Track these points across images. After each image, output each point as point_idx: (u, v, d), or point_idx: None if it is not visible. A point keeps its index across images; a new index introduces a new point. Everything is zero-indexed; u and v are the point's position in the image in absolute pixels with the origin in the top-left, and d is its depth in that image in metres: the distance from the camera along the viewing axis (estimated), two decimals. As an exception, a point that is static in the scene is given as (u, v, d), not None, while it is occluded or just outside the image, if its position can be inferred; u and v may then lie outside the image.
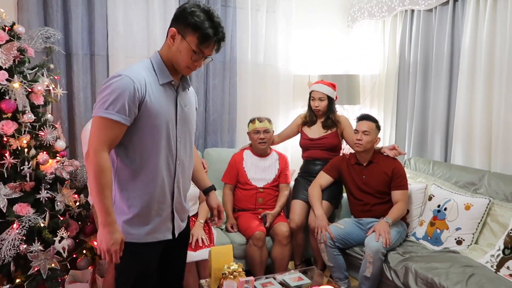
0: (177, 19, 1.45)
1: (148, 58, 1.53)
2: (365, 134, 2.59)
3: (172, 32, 1.44)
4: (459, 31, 2.93)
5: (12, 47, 2.21)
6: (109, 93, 1.38)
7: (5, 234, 2.11)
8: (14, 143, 2.19)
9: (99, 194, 1.38)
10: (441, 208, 2.56)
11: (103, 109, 1.37)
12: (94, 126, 1.40)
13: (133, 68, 1.45)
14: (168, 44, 1.47)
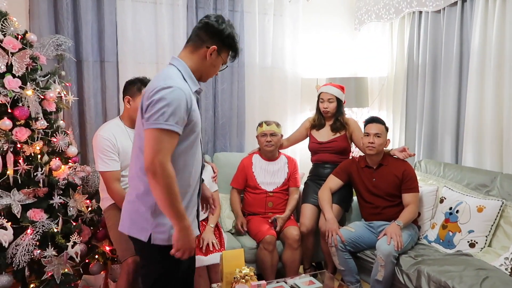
0: (214, 37, 1.56)
1: (171, 65, 1.57)
2: (377, 136, 2.58)
3: (213, 50, 1.56)
4: (468, 31, 2.92)
5: (24, 55, 2.24)
6: (166, 105, 1.42)
7: (19, 239, 2.13)
8: (28, 149, 2.22)
9: (175, 202, 1.45)
10: (453, 211, 2.54)
11: (163, 121, 1.42)
12: (155, 138, 1.43)
13: (174, 78, 1.51)
14: (202, 57, 1.57)
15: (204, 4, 3.19)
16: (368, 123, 2.65)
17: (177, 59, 1.59)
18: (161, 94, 1.43)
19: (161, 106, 1.42)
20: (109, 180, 2.24)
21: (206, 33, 1.57)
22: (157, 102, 1.43)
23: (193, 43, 1.59)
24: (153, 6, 3.08)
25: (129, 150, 2.29)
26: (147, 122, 1.45)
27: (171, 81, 1.47)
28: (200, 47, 1.57)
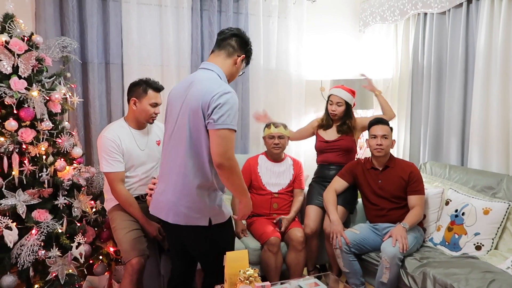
0: (243, 47, 1.87)
1: (209, 70, 1.81)
2: (384, 138, 2.58)
3: (242, 58, 1.87)
4: (473, 33, 2.90)
5: (30, 56, 2.26)
6: (230, 109, 1.68)
7: (24, 240, 2.14)
8: (33, 150, 2.23)
9: (243, 184, 1.81)
10: (459, 213, 2.52)
11: (229, 122, 1.68)
12: (226, 137, 1.68)
13: (223, 83, 1.77)
14: (233, 64, 1.85)
15: (209, 7, 3.20)
16: (373, 125, 2.64)
17: (213, 65, 1.83)
18: (224, 98, 1.68)
19: (227, 109, 1.67)
20: (113, 181, 2.24)
21: (237, 44, 1.85)
22: (222, 105, 1.67)
23: (226, 51, 1.84)
24: (158, 9, 3.09)
25: (133, 151, 2.31)
26: (215, 123, 1.67)
27: (226, 86, 1.73)
28: (232, 55, 1.84)
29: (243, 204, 1.88)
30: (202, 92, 1.71)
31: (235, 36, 1.85)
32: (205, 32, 3.23)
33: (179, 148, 1.77)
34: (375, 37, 3.76)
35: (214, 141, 1.68)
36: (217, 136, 1.67)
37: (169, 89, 3.05)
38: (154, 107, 2.32)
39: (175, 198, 1.80)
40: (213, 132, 1.68)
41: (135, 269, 2.14)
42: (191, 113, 1.73)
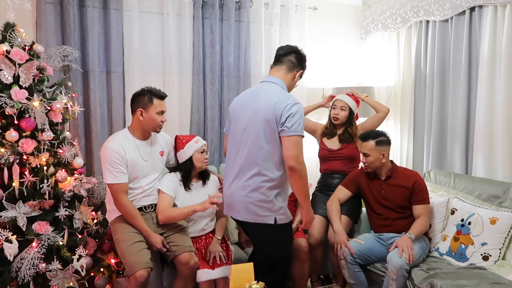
0: (301, 63, 2.15)
1: (273, 83, 2.07)
2: (365, 156, 2.56)
3: (301, 73, 2.16)
4: (476, 40, 2.90)
5: (31, 66, 2.23)
6: (300, 117, 1.94)
7: (24, 253, 2.10)
8: (34, 161, 2.20)
9: (308, 188, 2.03)
10: (465, 222, 2.49)
11: (300, 129, 1.93)
12: (297, 143, 1.93)
13: (288, 94, 2.03)
14: (292, 78, 2.12)
15: (211, 15, 3.18)
16: (361, 142, 2.62)
17: (277, 78, 2.08)
18: (295, 108, 1.93)
19: (298, 118, 1.92)
20: (117, 192, 2.21)
21: (296, 60, 2.11)
22: (295, 114, 1.91)
23: (287, 67, 2.10)
24: (160, 17, 3.07)
25: (137, 162, 2.28)
26: (289, 130, 1.91)
27: (293, 98, 1.98)
28: (292, 70, 2.11)
29: (305, 210, 2.07)
30: (273, 103, 1.95)
31: (294, 53, 2.11)
32: (206, 40, 3.21)
33: (251, 152, 2.01)
34: (376, 44, 3.76)
35: (287, 146, 1.92)
36: (290, 142, 1.91)
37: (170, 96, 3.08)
38: (161, 115, 2.30)
39: (243, 197, 2.04)
40: (287, 138, 1.92)
41: (138, 282, 2.10)
42: (264, 121, 1.97)
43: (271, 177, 2.00)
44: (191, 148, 2.49)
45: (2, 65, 2.16)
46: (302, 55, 2.15)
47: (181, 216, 2.35)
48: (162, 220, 2.34)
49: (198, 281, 2.31)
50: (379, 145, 2.54)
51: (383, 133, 2.61)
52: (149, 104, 2.26)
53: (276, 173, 2.00)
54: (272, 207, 2.02)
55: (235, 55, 3.31)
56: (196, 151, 2.49)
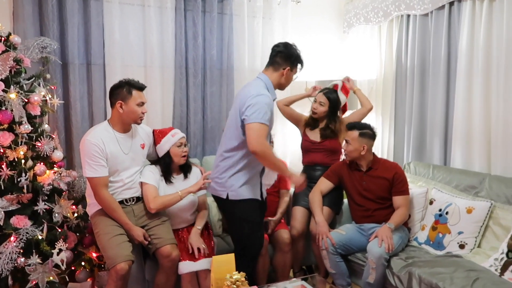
0: (287, 61, 2.23)
1: (258, 79, 2.25)
2: (347, 143, 2.61)
3: (287, 70, 2.23)
4: (455, 34, 2.95)
5: (8, 57, 2.18)
6: (260, 108, 2.08)
7: (2, 247, 2.07)
8: (11, 154, 2.16)
9: (276, 162, 2.20)
10: (443, 212, 2.55)
11: (260, 118, 2.07)
12: (257, 129, 2.07)
13: (260, 87, 2.18)
14: (280, 75, 2.25)
15: (193, 7, 3.16)
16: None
17: (264, 75, 2.25)
18: (256, 99, 2.09)
19: (258, 107, 2.07)
20: (97, 186, 2.19)
21: (282, 59, 2.23)
22: (254, 105, 2.07)
23: (272, 67, 2.25)
24: (141, 9, 3.03)
25: (118, 155, 2.26)
26: (248, 118, 2.07)
27: (261, 89, 2.16)
28: (278, 69, 2.24)
29: (289, 177, 2.34)
30: (244, 95, 2.16)
31: (280, 53, 2.24)
32: (189, 32, 3.19)
33: (223, 136, 2.30)
34: (359, 38, 3.79)
35: (248, 132, 2.08)
36: (250, 129, 2.07)
37: (152, 89, 3.06)
38: (141, 107, 2.26)
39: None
40: (247, 126, 2.09)
41: (119, 275, 2.09)
42: (236, 110, 2.18)
43: (229, 159, 2.24)
44: (168, 142, 2.43)
45: (-23, 56, 2.12)
46: (289, 53, 2.24)
47: (176, 199, 2.34)
48: (155, 208, 2.31)
49: (180, 273, 2.31)
50: (362, 136, 2.58)
51: (369, 127, 2.65)
52: (128, 96, 2.23)
53: (234, 157, 2.22)
54: (225, 184, 2.24)
55: (218, 48, 3.30)
56: (173, 145, 2.43)
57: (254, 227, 2.31)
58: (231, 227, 2.42)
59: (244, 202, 2.25)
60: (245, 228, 2.29)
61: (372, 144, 2.63)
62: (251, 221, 2.29)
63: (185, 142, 2.49)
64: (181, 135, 2.48)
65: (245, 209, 2.27)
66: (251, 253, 2.35)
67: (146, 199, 2.34)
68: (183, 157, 2.46)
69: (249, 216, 2.28)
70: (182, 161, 2.47)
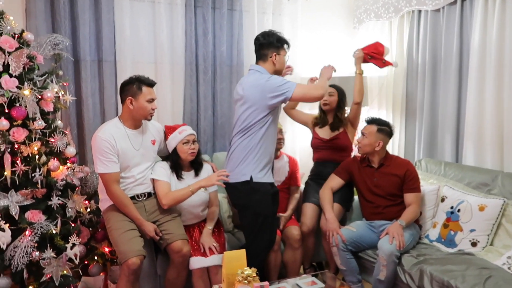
0: (270, 48, 2.29)
1: (254, 71, 2.32)
2: (363, 135, 2.60)
3: (275, 56, 2.29)
4: (467, 30, 2.91)
5: (21, 54, 2.21)
6: (280, 81, 2.23)
7: (17, 241, 2.10)
8: (25, 150, 2.19)
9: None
10: (454, 210, 2.53)
11: (291, 84, 2.22)
12: (301, 88, 2.25)
13: (255, 75, 2.29)
14: (271, 63, 2.31)
15: (203, 3, 3.16)
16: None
17: (257, 65, 2.32)
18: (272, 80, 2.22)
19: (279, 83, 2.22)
20: (108, 182, 2.21)
21: (265, 49, 2.29)
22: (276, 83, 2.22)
23: (261, 60, 2.32)
24: (152, 5, 3.05)
25: (128, 151, 2.28)
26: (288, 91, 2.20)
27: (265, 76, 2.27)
28: (267, 59, 2.31)
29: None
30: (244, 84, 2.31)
31: (261, 45, 2.31)
32: (199, 29, 3.19)
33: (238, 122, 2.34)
34: (369, 34, 3.76)
35: (303, 97, 2.28)
36: (298, 92, 2.23)
37: (162, 86, 3.08)
38: (151, 103, 2.28)
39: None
40: (295, 93, 2.22)
41: (131, 270, 2.12)
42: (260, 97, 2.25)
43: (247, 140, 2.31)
44: (174, 139, 2.43)
45: (-8, 53, 2.14)
46: (269, 41, 2.29)
47: (187, 194, 2.34)
48: (167, 204, 2.32)
49: (191, 269, 2.33)
50: (380, 132, 2.59)
51: (388, 124, 2.65)
52: (138, 92, 2.24)
53: (252, 140, 2.30)
54: (244, 169, 2.29)
55: (228, 44, 3.30)
56: (180, 142, 2.41)
57: (266, 220, 2.31)
58: (244, 219, 2.40)
59: (259, 193, 2.28)
60: (258, 221, 2.29)
61: (387, 141, 2.64)
62: (263, 214, 2.29)
63: (193, 139, 2.45)
64: (188, 133, 2.44)
65: (258, 201, 2.27)
66: (260, 246, 2.35)
67: (158, 195, 2.36)
68: (191, 154, 2.43)
69: (263, 209, 2.28)
70: (190, 158, 2.44)
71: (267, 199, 2.31)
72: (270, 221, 2.36)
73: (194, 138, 2.47)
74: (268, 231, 2.36)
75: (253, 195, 2.27)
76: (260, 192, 2.28)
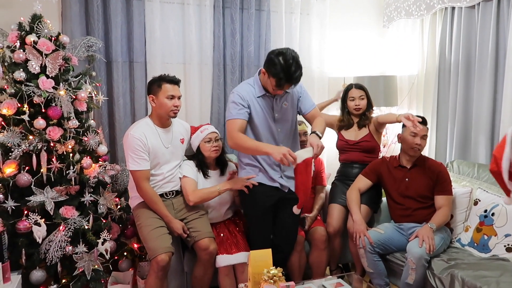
0: (265, 63, 2.20)
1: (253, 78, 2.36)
2: (423, 139, 2.53)
3: (263, 72, 2.22)
4: (504, 28, 2.80)
5: (58, 56, 2.30)
6: (228, 104, 2.30)
7: (52, 235, 2.19)
8: (60, 148, 2.28)
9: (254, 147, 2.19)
10: (488, 213, 2.44)
11: (228, 115, 2.27)
12: (227, 125, 2.26)
13: (240, 85, 2.37)
14: (262, 75, 2.24)
15: (231, 4, 3.19)
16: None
17: (256, 76, 2.33)
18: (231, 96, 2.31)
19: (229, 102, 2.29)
20: (139, 179, 2.27)
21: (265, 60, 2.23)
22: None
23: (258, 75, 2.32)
24: (181, 7, 3.10)
25: (159, 149, 2.33)
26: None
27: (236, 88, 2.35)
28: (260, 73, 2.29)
29: (270, 153, 2.11)
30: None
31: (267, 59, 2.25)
32: (227, 29, 3.23)
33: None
34: (400, 32, 3.68)
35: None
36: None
37: (190, 86, 3.12)
38: (171, 99, 2.31)
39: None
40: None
41: (160, 266, 2.17)
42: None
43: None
44: (197, 138, 2.49)
45: (30, 56, 2.24)
46: (267, 56, 2.20)
47: (214, 194, 2.39)
48: (194, 201, 2.36)
49: (218, 266, 2.36)
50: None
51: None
52: (158, 90, 2.30)
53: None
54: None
55: (256, 45, 3.31)
56: (202, 140, 2.46)
57: (251, 221, 2.44)
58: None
59: (241, 193, 2.40)
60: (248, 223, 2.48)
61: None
62: (248, 215, 2.46)
63: (215, 137, 2.49)
64: (210, 131, 2.48)
65: (241, 201, 2.49)
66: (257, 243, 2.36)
67: (185, 192, 2.40)
68: (213, 152, 2.47)
69: (245, 210, 2.48)
70: (213, 155, 2.48)
71: (251, 199, 2.35)
72: (255, 221, 2.41)
73: (217, 136, 2.50)
74: (256, 236, 2.42)
75: (240, 196, 2.46)
76: (241, 192, 2.39)
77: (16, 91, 2.22)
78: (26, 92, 2.20)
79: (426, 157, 2.63)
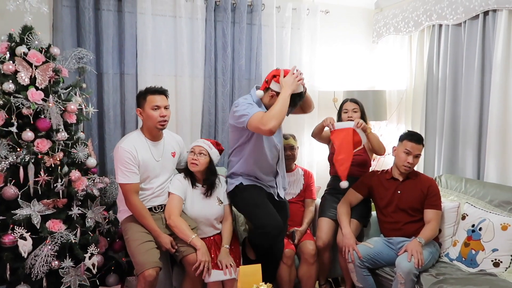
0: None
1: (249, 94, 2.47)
2: (416, 157, 2.56)
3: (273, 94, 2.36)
4: (490, 45, 2.87)
5: (48, 68, 2.29)
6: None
7: (38, 250, 2.15)
8: (48, 160, 2.25)
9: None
10: (476, 228, 2.46)
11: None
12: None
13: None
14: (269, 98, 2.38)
15: (223, 18, 3.22)
16: (413, 141, 2.56)
17: (254, 89, 2.45)
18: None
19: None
20: (128, 192, 2.25)
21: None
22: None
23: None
24: (173, 20, 3.12)
25: (149, 162, 2.32)
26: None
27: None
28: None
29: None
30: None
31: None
32: (218, 43, 3.25)
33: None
34: (388, 48, 3.74)
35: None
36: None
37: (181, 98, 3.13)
38: (157, 110, 2.28)
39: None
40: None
41: (147, 281, 2.13)
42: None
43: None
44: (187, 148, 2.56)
45: (20, 67, 2.23)
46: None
47: (186, 237, 2.29)
48: (172, 225, 2.32)
49: (206, 282, 2.33)
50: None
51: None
52: (144, 102, 2.30)
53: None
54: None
55: (247, 58, 3.34)
56: (188, 151, 2.53)
57: (251, 207, 2.48)
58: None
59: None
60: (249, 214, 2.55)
61: None
62: (246, 205, 2.52)
63: (199, 150, 2.43)
64: (196, 144, 2.48)
65: (236, 203, 2.59)
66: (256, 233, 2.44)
67: (167, 209, 2.37)
68: (192, 164, 2.42)
69: (243, 202, 2.52)
70: (191, 168, 2.43)
71: (246, 193, 2.47)
72: (254, 203, 2.45)
73: (201, 150, 2.44)
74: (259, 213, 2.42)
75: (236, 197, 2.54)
76: (236, 191, 2.52)
77: (4, 103, 2.19)
78: (15, 103, 2.18)
79: (417, 171, 2.66)
